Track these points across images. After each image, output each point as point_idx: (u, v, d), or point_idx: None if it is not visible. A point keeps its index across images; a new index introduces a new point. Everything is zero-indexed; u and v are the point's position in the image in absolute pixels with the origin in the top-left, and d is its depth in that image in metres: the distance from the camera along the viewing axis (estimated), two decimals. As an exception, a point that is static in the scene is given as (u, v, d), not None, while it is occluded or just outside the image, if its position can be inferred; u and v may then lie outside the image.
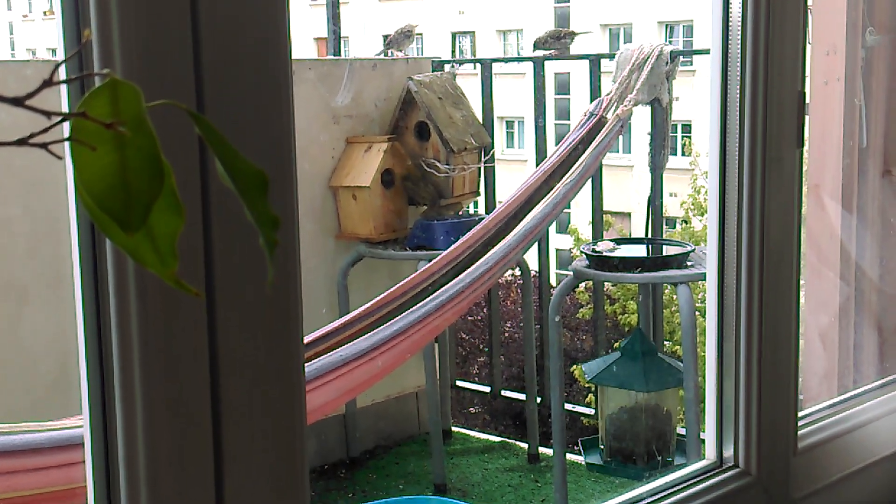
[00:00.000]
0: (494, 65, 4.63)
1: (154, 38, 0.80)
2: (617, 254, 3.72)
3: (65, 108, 0.80)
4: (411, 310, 3.14)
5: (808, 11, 1.55)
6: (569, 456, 3.97)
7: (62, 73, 0.86)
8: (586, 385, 5.71)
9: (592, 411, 4.67)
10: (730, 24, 1.45)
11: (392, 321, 3.07)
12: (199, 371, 0.86)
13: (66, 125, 0.45)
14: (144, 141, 0.44)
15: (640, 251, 4.08)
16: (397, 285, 3.35)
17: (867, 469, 1.74)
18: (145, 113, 0.45)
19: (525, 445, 4.49)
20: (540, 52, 4.38)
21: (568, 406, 4.55)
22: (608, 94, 3.93)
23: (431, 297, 3.22)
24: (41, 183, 3.18)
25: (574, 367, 6.66)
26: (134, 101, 0.45)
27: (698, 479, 1.51)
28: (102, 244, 0.83)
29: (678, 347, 5.74)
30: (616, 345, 5.89)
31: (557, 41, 4.32)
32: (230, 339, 0.87)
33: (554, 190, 3.71)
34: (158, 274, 0.46)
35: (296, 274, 0.91)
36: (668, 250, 3.92)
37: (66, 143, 0.44)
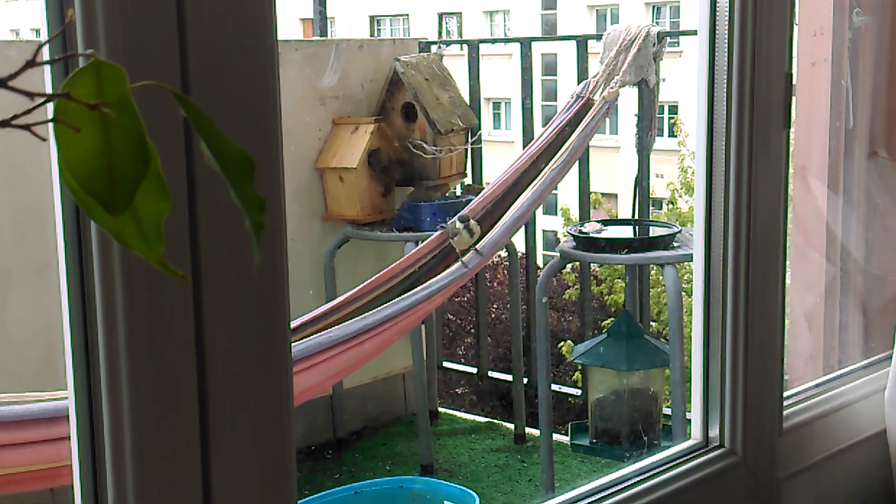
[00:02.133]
0: (481, 46, 4.61)
1: (139, 19, 0.80)
2: (604, 235, 3.73)
3: (48, 90, 0.79)
4: (401, 297, 3.14)
5: (796, -8, 1.55)
6: (555, 436, 3.98)
7: (45, 54, 0.85)
8: (570, 362, 5.73)
9: (579, 392, 4.68)
10: (717, 4, 1.45)
11: (382, 307, 3.07)
12: (185, 354, 0.86)
13: (50, 106, 0.44)
14: (129, 122, 0.44)
15: (626, 232, 4.08)
16: (385, 269, 3.35)
17: (852, 449, 1.75)
18: (130, 94, 0.44)
19: (512, 426, 4.51)
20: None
21: (554, 387, 4.56)
22: (595, 76, 3.92)
23: (421, 285, 3.22)
24: (25, 168, 3.16)
25: (561, 343, 6.67)
26: (118, 82, 0.44)
27: (684, 459, 1.52)
28: (87, 227, 0.82)
29: (667, 330, 5.76)
30: (604, 325, 5.91)
31: None
32: (216, 321, 0.87)
33: (541, 174, 3.70)
34: (144, 257, 0.46)
35: (282, 256, 0.91)
36: (654, 231, 3.93)
37: (50, 125, 0.44)
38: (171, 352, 0.84)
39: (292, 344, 0.94)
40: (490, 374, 4.93)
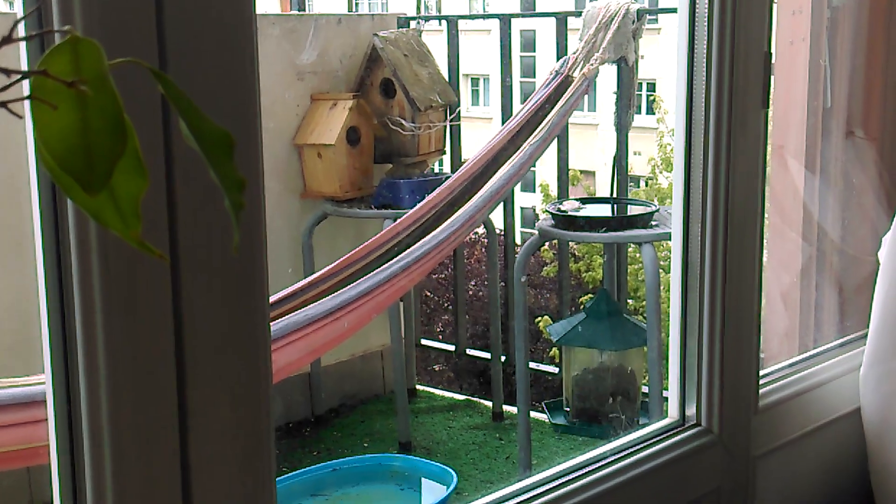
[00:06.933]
0: (460, 22, 4.59)
1: (115, -6, 0.79)
2: (582, 213, 3.73)
3: (24, 67, 0.78)
4: (377, 271, 3.13)
5: (775, -29, 1.55)
6: (533, 414, 4.00)
7: (21, 30, 0.84)
8: (547, 338, 5.75)
9: (557, 369, 4.70)
10: (697, -17, 1.45)
11: (358, 281, 3.06)
12: (163, 332, 0.85)
13: (26, 83, 0.44)
14: (106, 100, 0.43)
15: (605, 211, 4.09)
16: (362, 245, 3.34)
17: (826, 427, 1.77)
18: (107, 71, 0.44)
19: (489, 404, 4.52)
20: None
21: (532, 364, 4.57)
22: (574, 53, 3.92)
23: (397, 257, 3.22)
24: (0, 144, 3.12)
25: (538, 319, 6.68)
26: (95, 58, 0.44)
27: (661, 437, 1.53)
28: (64, 206, 0.81)
29: (643, 306, 5.78)
30: (582, 302, 5.92)
31: None
32: (195, 299, 0.87)
33: (520, 150, 3.70)
34: (122, 236, 0.45)
35: (261, 234, 0.90)
36: (632, 210, 3.94)
37: (27, 102, 0.43)
38: (148, 330, 0.84)
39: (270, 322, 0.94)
40: (468, 351, 4.94)
